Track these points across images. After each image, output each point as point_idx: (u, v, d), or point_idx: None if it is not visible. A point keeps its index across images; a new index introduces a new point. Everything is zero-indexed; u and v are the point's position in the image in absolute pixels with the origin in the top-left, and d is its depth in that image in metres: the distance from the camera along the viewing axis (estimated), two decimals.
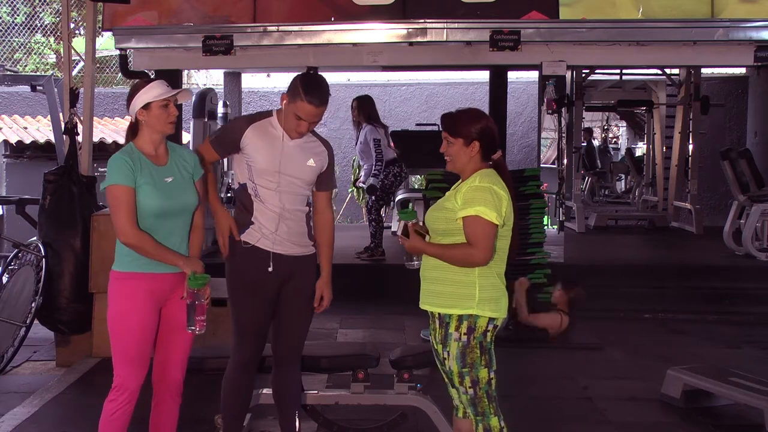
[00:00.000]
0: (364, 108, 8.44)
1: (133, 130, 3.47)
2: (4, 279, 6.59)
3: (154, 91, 3.41)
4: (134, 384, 3.39)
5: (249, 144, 3.59)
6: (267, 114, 3.68)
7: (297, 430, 3.89)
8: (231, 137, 3.65)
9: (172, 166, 3.47)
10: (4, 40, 15.93)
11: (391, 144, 8.64)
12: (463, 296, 3.23)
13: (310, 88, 3.52)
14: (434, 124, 11.33)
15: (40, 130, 11.76)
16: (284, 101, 3.59)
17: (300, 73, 3.67)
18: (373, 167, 8.31)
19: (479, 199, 3.19)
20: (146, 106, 3.41)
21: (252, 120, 3.67)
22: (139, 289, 3.38)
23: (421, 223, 3.38)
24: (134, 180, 3.35)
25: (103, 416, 3.41)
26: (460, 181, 3.39)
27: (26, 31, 16.28)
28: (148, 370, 3.46)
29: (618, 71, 11.89)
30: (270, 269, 3.60)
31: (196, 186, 3.53)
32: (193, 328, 3.40)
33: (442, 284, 3.27)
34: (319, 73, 12.95)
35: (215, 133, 3.89)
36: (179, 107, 3.56)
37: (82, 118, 6.44)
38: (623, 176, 15.80)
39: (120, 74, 10.55)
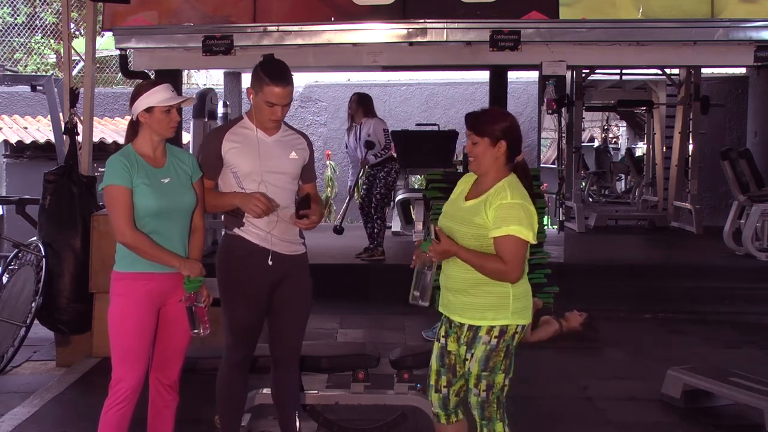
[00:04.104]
0: (364, 104, 8.47)
1: (134, 129, 3.49)
2: (4, 279, 6.59)
3: (158, 96, 3.42)
4: (131, 381, 3.39)
5: (228, 151, 3.56)
6: (237, 119, 3.68)
7: (297, 430, 3.89)
8: (212, 154, 3.59)
9: (169, 167, 3.49)
10: (4, 40, 15.93)
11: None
12: (498, 306, 3.21)
13: (273, 72, 3.52)
14: (434, 124, 11.31)
15: (40, 130, 11.74)
16: (251, 95, 3.58)
17: (258, 62, 3.61)
18: (379, 150, 8.30)
19: (514, 218, 3.14)
20: (149, 110, 3.42)
21: (224, 129, 3.66)
22: (138, 290, 3.40)
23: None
24: (131, 180, 3.36)
25: (102, 414, 3.42)
26: (474, 179, 3.32)
27: (26, 32, 16.28)
28: (146, 369, 3.47)
29: (618, 71, 11.87)
30: (270, 263, 3.58)
31: (195, 187, 3.54)
32: (196, 331, 3.44)
33: (475, 296, 3.23)
34: (319, 73, 12.99)
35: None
36: (180, 110, 3.57)
37: (82, 118, 6.43)
38: (623, 176, 15.78)
39: (120, 74, 10.55)
